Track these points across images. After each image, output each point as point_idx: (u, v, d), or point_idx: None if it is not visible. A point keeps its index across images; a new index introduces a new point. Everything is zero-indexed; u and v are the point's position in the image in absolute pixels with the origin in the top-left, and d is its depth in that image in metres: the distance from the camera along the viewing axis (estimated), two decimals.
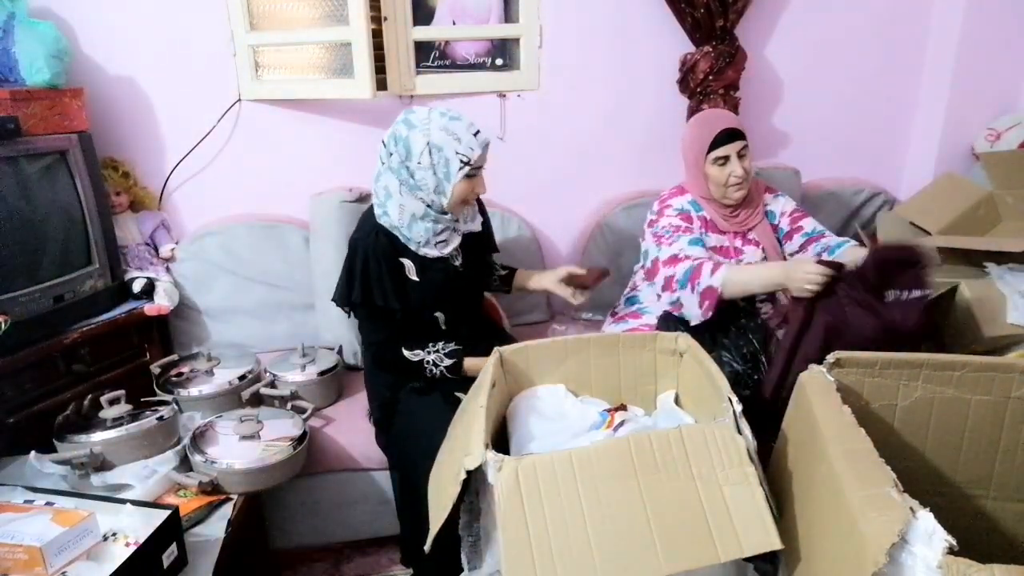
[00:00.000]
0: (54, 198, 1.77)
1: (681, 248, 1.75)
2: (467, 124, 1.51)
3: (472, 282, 1.71)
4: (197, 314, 2.15)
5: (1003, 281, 1.73)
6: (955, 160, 2.46)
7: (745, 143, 1.77)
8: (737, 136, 1.76)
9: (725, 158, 1.75)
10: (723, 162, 1.76)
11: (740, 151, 1.76)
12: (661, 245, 1.79)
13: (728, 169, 1.76)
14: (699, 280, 1.66)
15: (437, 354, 1.61)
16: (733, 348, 1.61)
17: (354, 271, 1.55)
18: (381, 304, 1.55)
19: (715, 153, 1.76)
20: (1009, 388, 1.12)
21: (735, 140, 1.75)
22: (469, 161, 1.50)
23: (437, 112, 1.53)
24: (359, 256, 1.55)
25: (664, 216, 1.83)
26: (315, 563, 1.88)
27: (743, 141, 1.77)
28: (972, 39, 2.34)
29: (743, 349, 1.60)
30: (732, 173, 1.75)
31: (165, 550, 1.19)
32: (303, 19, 2.06)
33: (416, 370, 1.60)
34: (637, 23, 2.28)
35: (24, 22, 1.79)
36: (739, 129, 1.77)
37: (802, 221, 1.90)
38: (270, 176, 2.26)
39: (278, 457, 1.49)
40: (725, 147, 1.75)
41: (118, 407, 1.53)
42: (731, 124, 1.78)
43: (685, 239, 1.77)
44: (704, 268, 1.66)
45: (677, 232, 1.78)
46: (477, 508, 1.28)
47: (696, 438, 1.05)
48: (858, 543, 0.80)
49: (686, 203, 1.85)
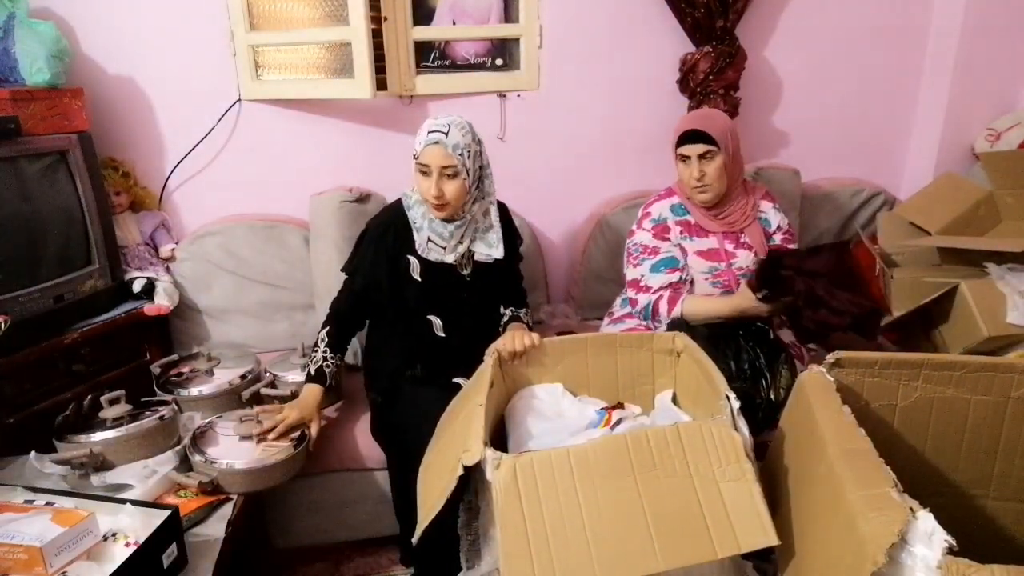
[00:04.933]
0: (54, 198, 1.77)
1: (643, 274, 1.80)
2: (436, 123, 1.54)
3: (478, 295, 1.71)
4: (197, 314, 2.15)
5: (1003, 281, 1.73)
6: (955, 160, 2.46)
7: (709, 148, 1.71)
8: (702, 139, 1.72)
9: (688, 157, 1.74)
10: (686, 160, 1.75)
11: (702, 154, 1.72)
12: (629, 264, 1.85)
13: (689, 169, 1.75)
14: (659, 317, 1.75)
15: (320, 354, 1.65)
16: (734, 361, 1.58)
17: (357, 248, 1.72)
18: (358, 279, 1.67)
19: (680, 150, 1.76)
20: (1009, 388, 1.12)
21: (698, 142, 1.72)
22: (415, 154, 1.55)
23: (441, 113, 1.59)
24: (365, 238, 1.70)
25: (639, 230, 1.86)
26: (315, 563, 1.88)
27: (707, 146, 1.71)
28: (972, 39, 2.34)
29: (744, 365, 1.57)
30: (691, 174, 1.74)
31: (165, 550, 1.19)
32: (303, 19, 2.06)
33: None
34: (637, 23, 2.28)
35: (24, 22, 1.79)
36: (705, 132, 1.72)
37: (790, 246, 1.88)
38: (270, 176, 2.26)
39: (278, 457, 1.48)
40: (687, 146, 1.74)
41: (118, 407, 1.53)
42: (699, 126, 1.73)
43: (648, 264, 1.80)
44: (660, 306, 1.74)
45: (643, 254, 1.82)
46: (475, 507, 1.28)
47: (693, 435, 1.05)
48: (858, 543, 0.80)
49: (667, 209, 1.84)
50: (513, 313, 1.75)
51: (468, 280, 1.69)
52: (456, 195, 1.55)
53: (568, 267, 2.47)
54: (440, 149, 1.51)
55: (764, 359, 1.56)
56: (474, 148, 1.57)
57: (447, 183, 1.53)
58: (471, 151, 1.55)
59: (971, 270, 1.85)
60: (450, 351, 1.67)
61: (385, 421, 1.69)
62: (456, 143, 1.52)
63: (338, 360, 1.67)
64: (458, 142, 1.52)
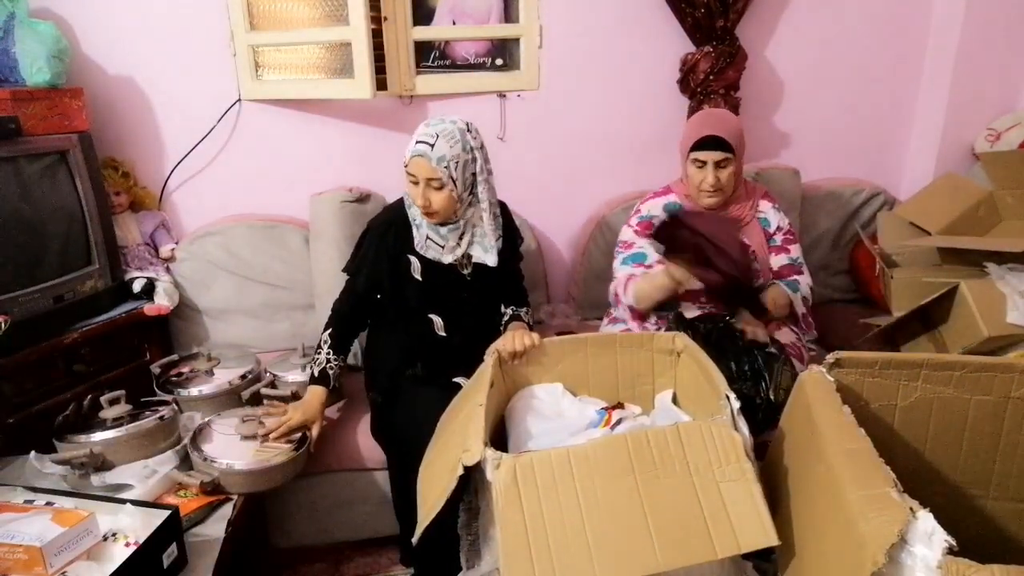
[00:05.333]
0: (54, 198, 1.77)
1: (616, 268, 1.88)
2: (426, 132, 1.53)
3: (479, 295, 1.71)
4: (197, 314, 2.15)
5: (1003, 281, 1.73)
6: (955, 160, 2.46)
7: (727, 156, 1.72)
8: (720, 146, 1.72)
9: (703, 162, 1.75)
10: (701, 165, 1.76)
11: (719, 161, 1.73)
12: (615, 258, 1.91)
13: (703, 174, 1.75)
14: (620, 302, 1.83)
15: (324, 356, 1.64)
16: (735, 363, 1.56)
17: (358, 248, 1.72)
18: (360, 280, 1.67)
19: (695, 154, 1.76)
20: (1009, 388, 1.11)
21: (717, 149, 1.72)
22: (404, 162, 1.56)
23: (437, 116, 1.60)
24: (366, 238, 1.70)
25: (626, 226, 1.92)
26: (315, 563, 1.87)
27: (725, 153, 1.72)
28: (972, 39, 2.34)
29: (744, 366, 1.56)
30: (705, 179, 1.75)
31: (165, 550, 1.19)
32: (303, 19, 2.06)
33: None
34: (637, 23, 2.28)
35: (24, 22, 1.79)
36: (726, 140, 1.72)
37: (791, 246, 1.89)
38: (270, 176, 2.26)
39: (279, 459, 1.48)
40: (705, 152, 1.74)
41: (118, 407, 1.53)
42: (719, 132, 1.73)
43: (621, 257, 1.88)
44: (620, 289, 1.81)
45: (621, 248, 1.89)
46: (475, 507, 1.28)
47: (693, 435, 1.05)
48: (858, 543, 0.80)
49: (658, 207, 1.87)
50: (514, 312, 1.75)
51: (469, 280, 1.68)
52: (443, 205, 1.55)
53: (568, 267, 2.47)
54: (424, 162, 1.51)
55: (763, 360, 1.56)
56: (463, 158, 1.54)
57: (433, 193, 1.54)
58: (459, 161, 1.53)
59: (971, 270, 1.84)
60: (451, 350, 1.67)
61: (385, 421, 1.69)
62: (442, 155, 1.51)
63: (341, 361, 1.67)
64: (444, 154, 1.51)
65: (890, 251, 2.10)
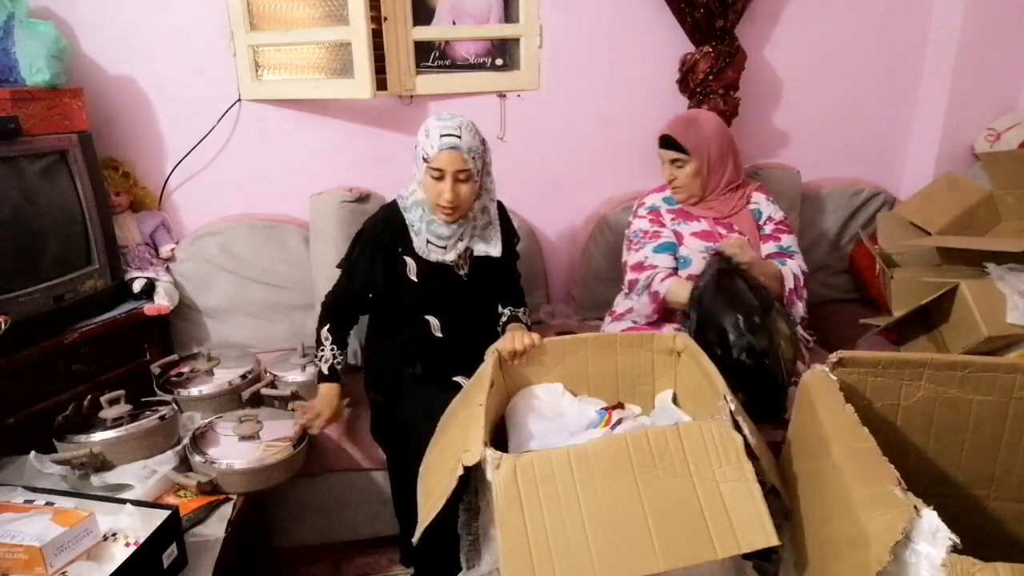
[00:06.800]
0: (54, 198, 1.77)
1: (646, 256, 1.85)
2: (446, 125, 1.50)
3: (476, 296, 1.70)
4: (197, 314, 2.15)
5: (1003, 281, 1.72)
6: (955, 160, 2.46)
7: (680, 156, 1.82)
8: (671, 146, 1.83)
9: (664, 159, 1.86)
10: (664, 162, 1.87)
11: (673, 160, 1.84)
12: (630, 250, 1.90)
13: (666, 170, 1.87)
14: (652, 288, 1.80)
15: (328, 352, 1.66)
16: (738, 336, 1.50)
17: (353, 247, 1.70)
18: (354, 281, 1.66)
19: (657, 151, 1.88)
20: (1011, 388, 1.12)
21: (669, 149, 1.84)
22: (426, 158, 1.51)
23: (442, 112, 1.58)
24: (362, 238, 1.68)
25: (636, 219, 1.94)
26: (315, 563, 1.87)
27: (677, 153, 1.83)
28: (972, 39, 2.34)
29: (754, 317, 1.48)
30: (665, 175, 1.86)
31: (165, 550, 1.19)
32: (303, 19, 2.06)
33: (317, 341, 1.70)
34: (637, 23, 2.28)
35: (24, 22, 1.79)
36: (675, 140, 1.82)
37: (783, 235, 1.90)
38: (270, 176, 2.26)
39: (278, 457, 1.48)
40: (661, 150, 1.87)
41: (118, 407, 1.53)
42: (673, 133, 1.84)
43: (651, 246, 1.86)
44: (656, 277, 1.79)
45: (645, 238, 1.88)
46: (475, 507, 1.28)
47: (693, 436, 1.05)
48: (862, 541, 0.80)
49: (659, 199, 1.94)
50: (512, 312, 1.75)
51: (465, 280, 1.68)
52: (468, 199, 1.55)
53: (568, 267, 2.47)
54: (457, 154, 1.49)
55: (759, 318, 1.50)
56: (481, 148, 1.56)
57: (461, 187, 1.52)
58: (479, 152, 1.54)
59: (971, 270, 1.84)
60: (448, 351, 1.66)
61: (385, 421, 1.69)
62: (470, 146, 1.51)
63: (343, 356, 1.69)
64: (472, 145, 1.51)
65: (890, 251, 2.10)
